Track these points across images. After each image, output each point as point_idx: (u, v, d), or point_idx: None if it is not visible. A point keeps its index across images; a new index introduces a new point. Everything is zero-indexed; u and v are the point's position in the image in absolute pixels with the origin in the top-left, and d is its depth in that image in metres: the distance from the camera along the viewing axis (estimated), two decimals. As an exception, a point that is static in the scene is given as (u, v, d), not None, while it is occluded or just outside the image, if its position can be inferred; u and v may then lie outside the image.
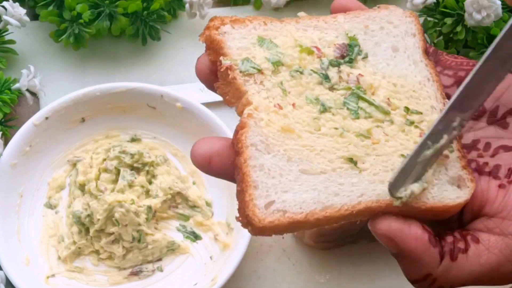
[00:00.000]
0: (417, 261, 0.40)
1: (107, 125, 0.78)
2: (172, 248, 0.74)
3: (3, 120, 0.77)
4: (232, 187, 0.74)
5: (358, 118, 0.43)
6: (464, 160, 0.42)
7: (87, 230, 0.73)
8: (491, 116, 0.44)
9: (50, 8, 0.80)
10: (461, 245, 0.40)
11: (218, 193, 0.76)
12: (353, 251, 0.76)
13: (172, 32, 0.85)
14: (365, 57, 0.45)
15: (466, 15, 0.75)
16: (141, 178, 0.74)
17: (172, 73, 0.84)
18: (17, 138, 0.73)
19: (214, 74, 0.44)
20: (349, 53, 0.45)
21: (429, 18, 0.80)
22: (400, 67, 0.45)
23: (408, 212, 0.40)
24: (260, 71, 0.43)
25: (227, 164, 0.41)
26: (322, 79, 0.44)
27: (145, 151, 0.75)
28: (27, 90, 0.78)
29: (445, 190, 0.41)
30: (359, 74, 0.44)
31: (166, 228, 0.75)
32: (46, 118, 0.75)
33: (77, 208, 0.73)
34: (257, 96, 0.42)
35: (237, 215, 0.40)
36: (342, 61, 0.44)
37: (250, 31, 0.44)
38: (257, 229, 0.39)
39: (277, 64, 0.43)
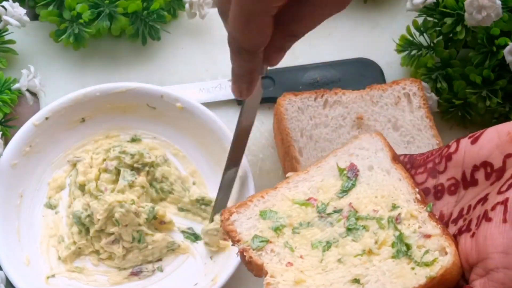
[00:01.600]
0: None
1: (107, 125, 0.78)
2: (172, 248, 0.74)
3: (3, 120, 0.77)
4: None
5: (358, 238, 0.51)
6: (442, 230, 0.49)
7: (87, 230, 0.73)
8: (464, 181, 0.51)
9: (50, 8, 0.81)
10: None
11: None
12: (353, 251, 0.76)
13: (172, 32, 0.85)
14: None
15: (466, 15, 0.75)
16: (142, 179, 0.74)
17: (172, 73, 0.84)
18: (17, 138, 0.73)
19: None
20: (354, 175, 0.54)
21: (429, 18, 0.80)
22: (377, 180, 0.54)
23: None
24: (268, 241, 0.52)
25: None
26: (320, 221, 0.53)
27: (145, 151, 0.75)
28: (27, 90, 0.78)
29: (431, 265, 0.48)
30: (350, 202, 0.53)
31: (168, 229, 0.75)
32: (46, 118, 0.75)
33: (77, 208, 0.73)
34: (270, 265, 0.51)
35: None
36: (340, 195, 0.54)
37: (253, 209, 0.54)
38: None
39: (279, 229, 0.52)
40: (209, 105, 0.78)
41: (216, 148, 0.76)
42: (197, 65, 0.84)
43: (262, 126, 0.81)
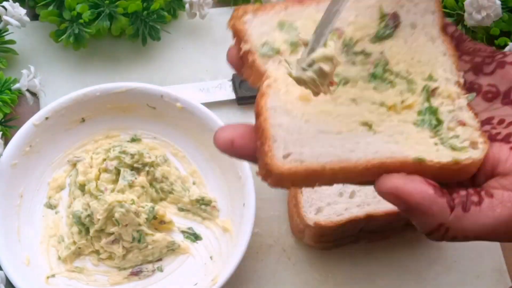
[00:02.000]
0: (426, 213, 0.41)
1: (107, 125, 0.78)
2: (172, 248, 0.74)
3: (3, 120, 0.77)
4: (232, 186, 0.75)
5: (380, 89, 0.45)
6: (478, 125, 0.44)
7: (87, 230, 0.73)
8: (505, 98, 0.46)
9: (50, 8, 0.81)
10: (474, 198, 0.41)
11: (218, 193, 0.76)
12: (353, 251, 0.76)
13: (172, 32, 0.85)
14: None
15: (466, 15, 0.76)
16: (142, 179, 0.74)
17: (172, 73, 0.84)
18: (17, 138, 0.73)
19: (242, 61, 0.46)
20: (394, 24, 0.47)
21: (429, 18, 0.80)
22: (418, 43, 0.47)
23: (420, 172, 0.41)
24: (278, 52, 0.45)
25: (249, 145, 0.43)
26: (342, 55, 0.46)
27: (145, 151, 0.75)
28: (27, 90, 0.78)
29: (458, 150, 0.43)
30: (382, 51, 0.46)
31: (168, 229, 0.75)
32: (46, 118, 0.75)
33: (77, 208, 0.73)
34: (276, 72, 0.44)
35: (257, 171, 0.42)
36: (373, 40, 0.46)
37: (271, 17, 0.46)
38: (276, 178, 0.41)
39: (296, 45, 0.45)
40: (209, 105, 0.78)
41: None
42: (197, 65, 0.84)
43: (262, 126, 0.81)
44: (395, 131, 0.43)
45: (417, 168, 0.41)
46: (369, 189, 0.72)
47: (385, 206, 0.70)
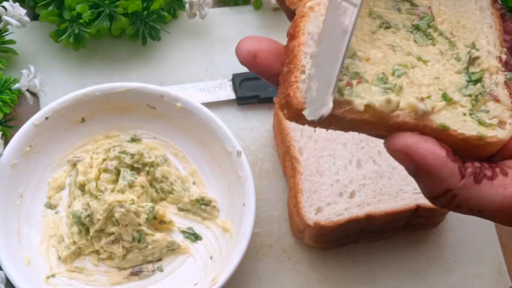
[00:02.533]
0: (436, 175, 0.40)
1: (107, 125, 0.78)
2: (172, 248, 0.74)
3: (3, 120, 0.77)
4: (232, 186, 0.75)
5: (420, 43, 0.44)
6: (511, 105, 0.43)
7: (87, 230, 0.73)
8: None
9: (50, 8, 0.80)
10: (488, 172, 0.40)
11: (218, 193, 0.77)
12: (353, 251, 0.76)
13: (172, 32, 0.85)
14: None
15: None
16: (142, 179, 0.74)
17: (172, 73, 0.84)
18: (17, 138, 0.73)
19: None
20: None
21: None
22: (466, 9, 0.46)
23: (441, 139, 0.40)
24: None
25: (273, 62, 0.41)
26: (390, 0, 0.44)
27: (145, 151, 0.75)
28: (27, 90, 0.78)
29: (485, 126, 0.41)
30: (430, 7, 0.45)
31: (168, 229, 0.75)
32: (46, 118, 0.75)
33: (77, 208, 0.73)
34: None
35: (277, 96, 0.40)
36: None
37: None
38: (293, 113, 0.39)
39: None
40: (209, 105, 0.78)
41: (216, 148, 0.76)
42: (197, 65, 0.84)
43: (262, 126, 0.81)
44: (429, 79, 0.42)
45: (439, 134, 0.40)
46: (369, 189, 0.72)
47: (385, 206, 0.70)
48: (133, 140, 0.78)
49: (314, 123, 0.39)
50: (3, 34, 0.81)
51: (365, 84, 0.41)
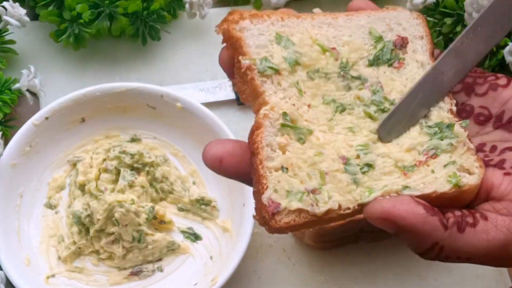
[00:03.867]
0: (419, 233, 0.40)
1: (107, 125, 0.78)
2: (172, 248, 0.74)
3: (3, 120, 0.77)
4: (232, 186, 0.75)
5: (375, 117, 0.44)
6: (472, 150, 0.44)
7: (87, 230, 0.73)
8: (497, 121, 0.45)
9: (50, 8, 0.80)
10: (469, 219, 0.41)
11: (218, 193, 0.76)
12: (353, 251, 0.76)
13: (172, 32, 0.85)
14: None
15: (465, 15, 0.75)
16: (141, 178, 0.74)
17: (172, 73, 0.84)
18: (17, 138, 0.73)
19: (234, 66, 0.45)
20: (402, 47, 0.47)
21: (429, 18, 0.80)
22: (409, 69, 0.46)
23: (419, 197, 0.41)
24: (277, 71, 0.43)
25: (238, 165, 0.42)
26: (339, 79, 0.45)
27: (145, 151, 0.75)
28: (27, 90, 0.78)
29: (456, 177, 0.42)
30: (378, 78, 0.45)
31: (168, 229, 0.75)
32: (46, 118, 0.75)
33: (77, 208, 0.73)
34: (274, 97, 0.42)
35: (254, 213, 0.41)
36: (367, 63, 0.46)
37: (268, 27, 0.44)
38: (273, 229, 0.40)
39: (294, 64, 0.44)
40: (209, 105, 0.78)
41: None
42: (197, 65, 0.84)
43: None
44: (389, 164, 0.43)
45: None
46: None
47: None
48: (133, 140, 0.79)
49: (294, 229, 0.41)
50: (3, 34, 0.81)
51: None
